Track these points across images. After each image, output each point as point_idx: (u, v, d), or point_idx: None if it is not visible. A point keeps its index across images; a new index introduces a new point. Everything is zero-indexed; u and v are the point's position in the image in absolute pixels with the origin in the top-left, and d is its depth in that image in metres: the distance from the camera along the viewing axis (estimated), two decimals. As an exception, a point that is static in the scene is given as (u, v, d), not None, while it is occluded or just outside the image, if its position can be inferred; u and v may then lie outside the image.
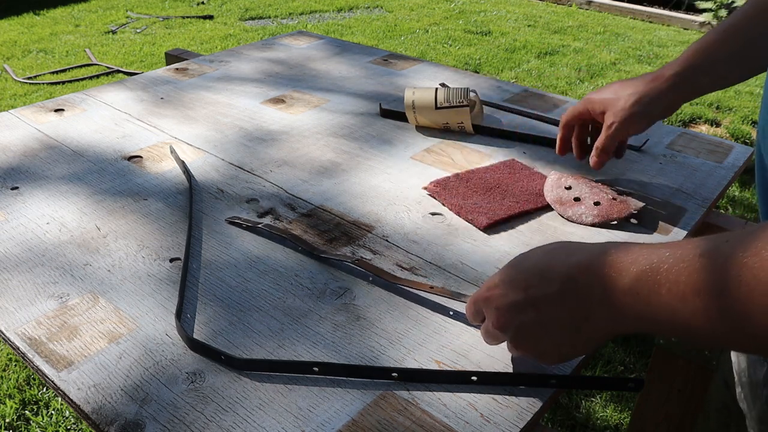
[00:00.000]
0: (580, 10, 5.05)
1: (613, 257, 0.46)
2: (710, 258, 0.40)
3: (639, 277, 0.43)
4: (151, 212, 0.80)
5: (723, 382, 0.70)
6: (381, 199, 0.84)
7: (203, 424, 0.53)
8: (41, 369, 0.58)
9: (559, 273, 0.49)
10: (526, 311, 0.51)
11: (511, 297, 0.52)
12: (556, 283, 0.49)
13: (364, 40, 4.06)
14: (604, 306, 0.46)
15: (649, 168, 0.92)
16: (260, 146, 0.97)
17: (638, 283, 0.43)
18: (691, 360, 0.94)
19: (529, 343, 0.52)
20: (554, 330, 0.50)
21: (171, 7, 4.87)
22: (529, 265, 0.52)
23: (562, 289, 0.49)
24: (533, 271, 0.51)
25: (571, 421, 1.50)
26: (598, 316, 0.47)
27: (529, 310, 0.51)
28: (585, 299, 0.47)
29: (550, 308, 0.50)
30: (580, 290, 0.48)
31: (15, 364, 1.64)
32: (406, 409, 0.54)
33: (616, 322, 0.46)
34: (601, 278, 0.46)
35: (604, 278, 0.46)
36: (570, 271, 0.48)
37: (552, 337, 0.51)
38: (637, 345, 1.74)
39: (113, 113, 1.07)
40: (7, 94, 3.24)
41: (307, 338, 0.61)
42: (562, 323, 0.49)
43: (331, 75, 1.25)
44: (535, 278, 0.50)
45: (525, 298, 0.51)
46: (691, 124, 3.02)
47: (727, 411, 0.69)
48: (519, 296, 0.51)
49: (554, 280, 0.49)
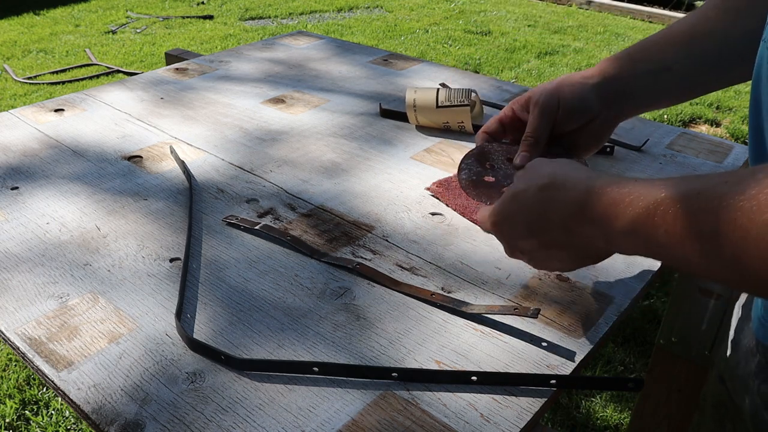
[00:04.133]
0: (580, 10, 5.05)
1: (610, 197, 0.47)
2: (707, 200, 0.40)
3: (636, 220, 0.45)
4: (151, 212, 0.80)
5: (718, 377, 0.70)
6: (381, 199, 0.84)
7: (203, 424, 0.53)
8: (41, 369, 0.58)
9: (558, 222, 0.53)
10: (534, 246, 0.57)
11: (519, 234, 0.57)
12: (556, 231, 0.53)
13: (364, 40, 4.06)
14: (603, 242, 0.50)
15: (649, 168, 0.92)
16: (260, 146, 0.97)
17: (635, 225, 0.45)
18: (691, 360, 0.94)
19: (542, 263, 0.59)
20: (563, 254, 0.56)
21: (171, 7, 4.87)
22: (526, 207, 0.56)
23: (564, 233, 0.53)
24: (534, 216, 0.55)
25: (571, 421, 1.50)
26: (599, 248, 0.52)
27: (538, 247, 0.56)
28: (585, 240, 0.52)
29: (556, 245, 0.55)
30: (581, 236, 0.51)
31: (15, 364, 1.64)
32: (406, 409, 0.54)
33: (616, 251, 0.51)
34: (598, 225, 0.49)
35: (602, 224, 0.48)
36: (567, 222, 0.52)
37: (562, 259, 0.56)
38: (637, 345, 1.74)
39: (113, 113, 1.07)
40: (7, 94, 3.24)
41: (307, 338, 0.61)
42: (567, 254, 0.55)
43: (331, 75, 1.25)
44: (535, 223, 0.55)
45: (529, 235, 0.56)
46: (691, 124, 3.02)
47: (722, 407, 0.69)
48: (524, 233, 0.56)
49: (553, 229, 0.53)
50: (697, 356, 0.93)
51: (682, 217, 0.41)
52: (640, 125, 1.05)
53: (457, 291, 0.68)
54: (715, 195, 0.40)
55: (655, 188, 0.44)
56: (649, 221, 0.43)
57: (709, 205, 0.40)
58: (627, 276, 0.70)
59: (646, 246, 0.45)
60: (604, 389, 0.59)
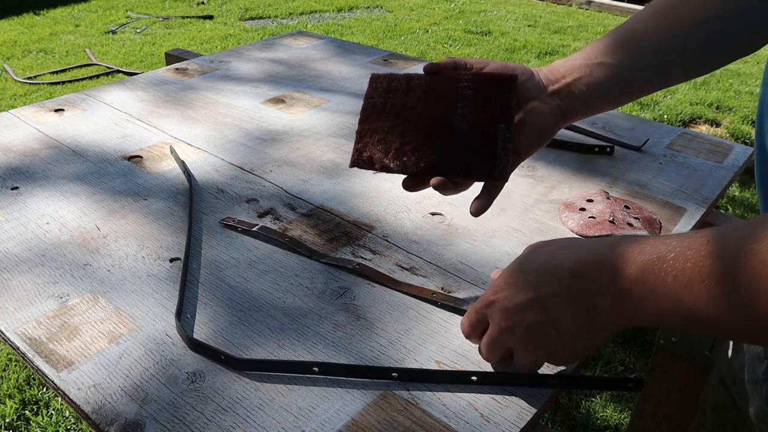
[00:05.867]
0: (580, 10, 5.05)
1: (620, 249, 0.46)
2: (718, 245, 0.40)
3: (645, 266, 0.43)
4: (151, 212, 0.80)
5: (720, 380, 0.70)
6: (381, 199, 0.84)
7: (203, 424, 0.53)
8: (41, 369, 0.58)
9: (568, 270, 0.49)
10: (535, 310, 0.50)
11: (520, 297, 0.51)
12: (565, 281, 0.49)
13: (364, 40, 4.06)
14: (611, 297, 0.46)
15: (649, 168, 0.92)
16: (260, 146, 0.97)
17: (645, 272, 0.43)
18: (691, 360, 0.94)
19: (538, 343, 0.52)
20: (564, 327, 0.50)
21: (171, 7, 4.87)
22: (536, 265, 0.52)
23: (571, 285, 0.49)
24: (541, 270, 0.51)
25: (571, 421, 1.50)
26: (605, 309, 0.47)
27: (539, 309, 0.50)
28: (593, 293, 0.47)
29: (559, 305, 0.49)
30: (588, 284, 0.48)
31: (15, 364, 1.64)
32: (406, 409, 0.54)
33: (623, 313, 0.47)
34: (608, 270, 0.46)
35: (612, 270, 0.46)
36: (578, 268, 0.48)
37: (562, 334, 0.50)
38: (637, 345, 1.74)
39: (113, 113, 1.07)
40: (7, 94, 3.24)
41: (307, 338, 0.61)
42: (571, 319, 0.49)
43: (331, 75, 1.25)
44: (544, 277, 0.50)
45: (534, 298, 0.50)
46: (691, 124, 3.02)
47: (723, 410, 0.69)
48: (528, 296, 0.51)
49: (563, 278, 0.49)
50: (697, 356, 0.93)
51: (693, 262, 0.41)
52: (640, 125, 1.05)
53: (457, 291, 0.68)
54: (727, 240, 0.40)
55: (667, 239, 0.44)
56: (659, 266, 0.43)
57: (720, 249, 0.39)
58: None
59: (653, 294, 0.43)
60: (604, 389, 0.59)
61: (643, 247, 0.44)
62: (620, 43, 0.64)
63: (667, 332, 0.96)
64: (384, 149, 0.62)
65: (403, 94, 0.63)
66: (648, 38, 0.64)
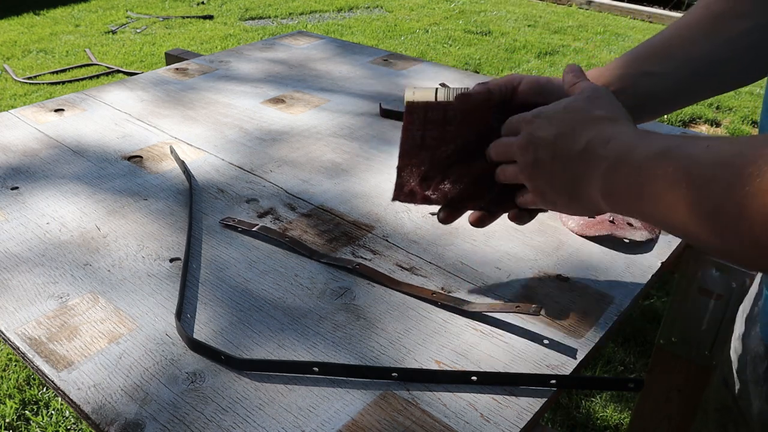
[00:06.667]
0: (580, 10, 5.05)
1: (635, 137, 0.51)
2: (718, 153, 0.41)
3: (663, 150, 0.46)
4: (151, 212, 0.80)
5: (722, 380, 0.70)
6: (381, 199, 0.84)
7: (203, 424, 0.53)
8: (41, 369, 0.58)
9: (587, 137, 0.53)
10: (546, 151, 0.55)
11: (544, 132, 0.56)
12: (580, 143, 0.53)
13: (364, 40, 4.06)
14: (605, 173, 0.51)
15: (649, 168, 0.92)
16: (260, 146, 0.97)
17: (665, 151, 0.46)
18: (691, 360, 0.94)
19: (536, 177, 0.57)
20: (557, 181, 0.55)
21: (171, 7, 4.87)
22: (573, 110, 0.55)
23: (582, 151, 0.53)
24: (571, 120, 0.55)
25: (571, 421, 1.50)
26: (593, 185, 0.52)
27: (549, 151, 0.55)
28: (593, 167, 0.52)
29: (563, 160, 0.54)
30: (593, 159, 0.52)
31: (15, 364, 1.64)
32: (406, 409, 0.54)
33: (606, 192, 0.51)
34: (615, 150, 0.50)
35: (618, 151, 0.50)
36: (594, 139, 0.52)
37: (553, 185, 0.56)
38: (637, 345, 1.74)
39: (113, 113, 1.07)
40: (7, 94, 3.24)
41: (307, 338, 0.61)
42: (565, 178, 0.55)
43: (331, 75, 1.25)
44: (569, 127, 0.54)
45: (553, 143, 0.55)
46: (691, 124, 3.02)
47: (726, 410, 0.69)
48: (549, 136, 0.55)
49: (579, 141, 0.53)
50: (698, 356, 0.93)
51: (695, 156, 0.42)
52: (640, 125, 1.05)
53: (457, 291, 0.68)
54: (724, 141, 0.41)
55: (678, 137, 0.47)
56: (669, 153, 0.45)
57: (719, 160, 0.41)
58: (627, 276, 0.70)
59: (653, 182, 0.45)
60: (604, 389, 0.59)
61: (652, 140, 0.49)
62: (664, 52, 0.67)
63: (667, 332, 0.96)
64: (425, 184, 0.65)
65: (441, 126, 0.64)
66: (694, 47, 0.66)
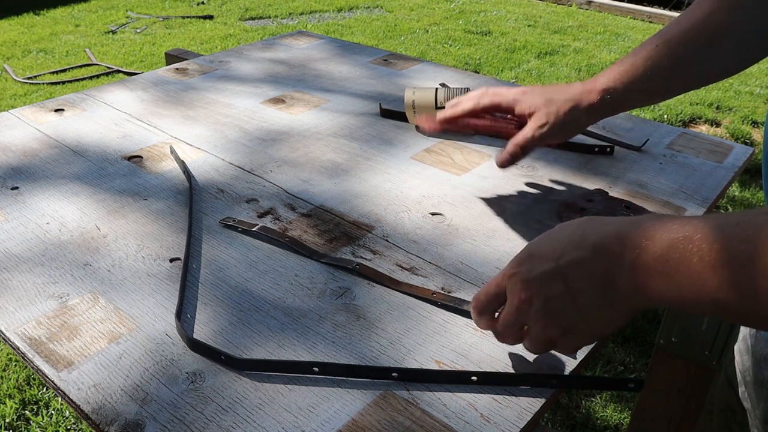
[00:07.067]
0: (580, 10, 5.05)
1: (647, 226, 0.45)
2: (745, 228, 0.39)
3: (671, 245, 0.43)
4: (151, 212, 0.80)
5: (727, 382, 0.70)
6: (381, 199, 0.84)
7: (203, 424, 0.53)
8: (41, 369, 0.58)
9: (592, 241, 0.48)
10: (555, 281, 0.49)
11: (542, 268, 0.50)
12: (588, 250, 0.48)
13: (364, 40, 4.06)
14: (632, 272, 0.45)
15: (649, 168, 0.92)
16: (260, 146, 0.97)
17: (670, 250, 0.43)
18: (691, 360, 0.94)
19: (555, 317, 0.50)
20: (582, 300, 0.49)
21: (171, 7, 4.87)
22: (563, 236, 0.51)
23: (593, 257, 0.48)
24: (565, 242, 0.50)
25: (571, 421, 1.50)
26: (624, 285, 0.46)
27: (558, 281, 0.49)
28: (614, 267, 0.46)
29: (579, 277, 0.48)
30: (610, 258, 0.47)
31: (15, 364, 1.64)
32: (406, 409, 0.54)
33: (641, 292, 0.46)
34: (632, 245, 0.45)
35: (636, 245, 0.45)
36: (602, 239, 0.48)
37: (579, 308, 0.49)
38: (637, 345, 1.74)
39: (113, 113, 1.07)
40: (7, 94, 3.24)
41: (307, 338, 0.61)
42: (590, 292, 0.48)
43: (331, 75, 1.25)
44: (567, 248, 0.49)
45: (555, 268, 0.49)
46: (691, 124, 3.02)
47: (730, 411, 0.69)
48: (549, 266, 0.50)
49: (586, 248, 0.48)
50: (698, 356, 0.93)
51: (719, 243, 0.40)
52: (640, 125, 1.05)
53: (458, 291, 0.68)
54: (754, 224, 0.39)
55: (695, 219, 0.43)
56: (684, 246, 0.42)
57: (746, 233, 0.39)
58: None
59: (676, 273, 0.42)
60: (604, 389, 0.59)
61: (669, 225, 0.44)
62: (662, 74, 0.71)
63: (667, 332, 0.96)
64: None
65: None
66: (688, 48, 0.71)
